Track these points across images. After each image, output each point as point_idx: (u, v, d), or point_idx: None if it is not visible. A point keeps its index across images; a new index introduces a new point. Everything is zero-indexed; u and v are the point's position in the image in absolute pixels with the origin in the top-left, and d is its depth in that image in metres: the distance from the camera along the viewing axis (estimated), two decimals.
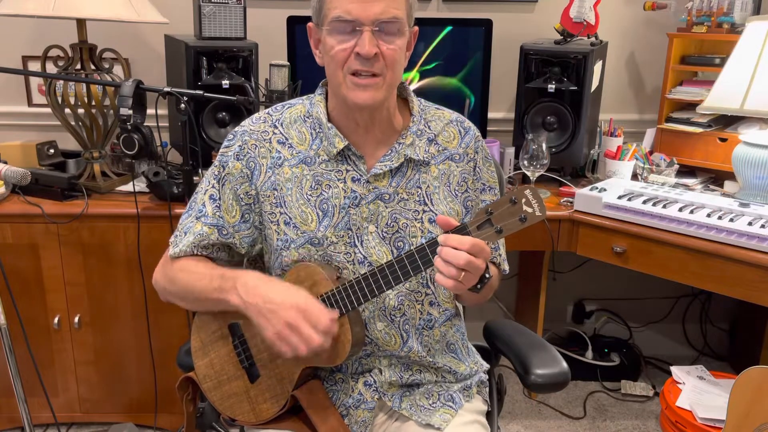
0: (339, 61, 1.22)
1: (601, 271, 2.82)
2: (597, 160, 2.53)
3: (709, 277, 2.00)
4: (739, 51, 2.22)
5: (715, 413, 2.06)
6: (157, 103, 2.10)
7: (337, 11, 1.20)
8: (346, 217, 1.30)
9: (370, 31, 1.19)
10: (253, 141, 1.33)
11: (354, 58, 1.21)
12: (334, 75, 1.25)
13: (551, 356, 1.41)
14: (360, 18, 1.19)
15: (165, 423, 2.36)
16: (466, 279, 1.14)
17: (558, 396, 2.69)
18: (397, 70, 1.26)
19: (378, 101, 1.25)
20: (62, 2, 2.04)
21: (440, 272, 1.13)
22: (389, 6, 1.20)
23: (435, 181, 1.34)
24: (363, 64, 1.21)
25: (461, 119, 1.41)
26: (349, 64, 1.22)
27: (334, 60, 1.23)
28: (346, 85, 1.24)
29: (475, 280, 1.17)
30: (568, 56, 2.39)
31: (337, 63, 1.23)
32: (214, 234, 1.33)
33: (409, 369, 1.37)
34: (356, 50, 1.20)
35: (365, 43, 1.19)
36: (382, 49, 1.21)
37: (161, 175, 2.13)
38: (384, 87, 1.25)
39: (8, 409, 2.30)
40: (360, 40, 1.20)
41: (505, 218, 1.12)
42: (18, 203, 2.16)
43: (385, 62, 1.22)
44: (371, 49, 1.19)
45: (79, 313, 2.23)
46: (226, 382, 1.37)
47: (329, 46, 1.23)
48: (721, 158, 2.37)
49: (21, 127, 2.63)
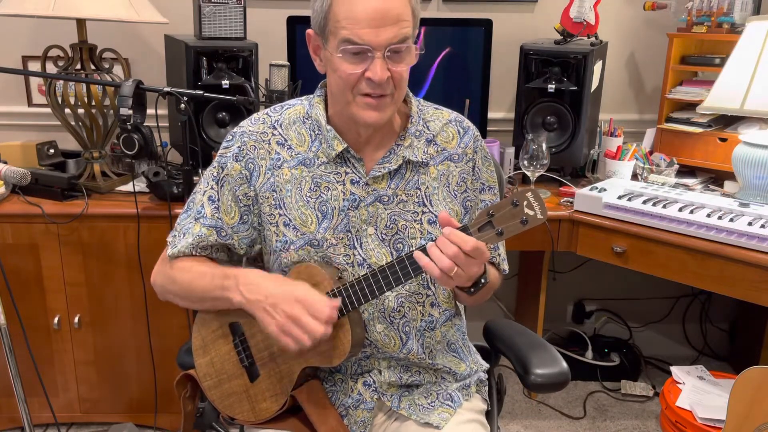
0: (349, 84, 1.22)
1: (601, 271, 2.82)
2: (597, 160, 2.53)
3: (709, 277, 2.00)
4: (739, 51, 2.22)
5: (715, 413, 2.06)
6: (157, 103, 2.10)
7: (346, 33, 1.17)
8: (346, 219, 1.30)
9: (382, 57, 1.18)
10: (252, 142, 1.33)
11: (365, 82, 1.20)
12: (341, 94, 1.24)
13: (551, 356, 1.41)
14: (371, 44, 1.17)
15: (165, 423, 2.36)
16: (458, 276, 1.13)
17: (558, 396, 2.69)
18: (404, 85, 1.26)
19: (386, 119, 1.26)
20: (62, 2, 2.04)
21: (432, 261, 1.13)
22: (400, 28, 1.18)
23: (434, 182, 1.34)
24: (374, 87, 1.20)
25: (460, 119, 1.41)
26: (358, 87, 1.21)
27: (343, 81, 1.22)
28: (357, 105, 1.23)
29: (468, 282, 1.18)
30: (568, 56, 2.39)
31: (347, 85, 1.22)
32: (212, 235, 1.33)
33: (408, 370, 1.37)
34: (367, 75, 1.19)
35: (377, 69, 1.18)
36: (392, 71, 1.20)
37: (161, 175, 2.13)
38: (392, 105, 1.25)
39: (8, 409, 2.30)
40: (372, 66, 1.18)
41: (506, 220, 1.12)
42: (18, 203, 2.16)
43: (394, 83, 1.22)
44: (383, 74, 1.18)
45: (79, 313, 2.23)
46: (226, 381, 1.37)
47: (337, 66, 1.21)
48: (721, 158, 2.36)
49: (21, 127, 2.63)
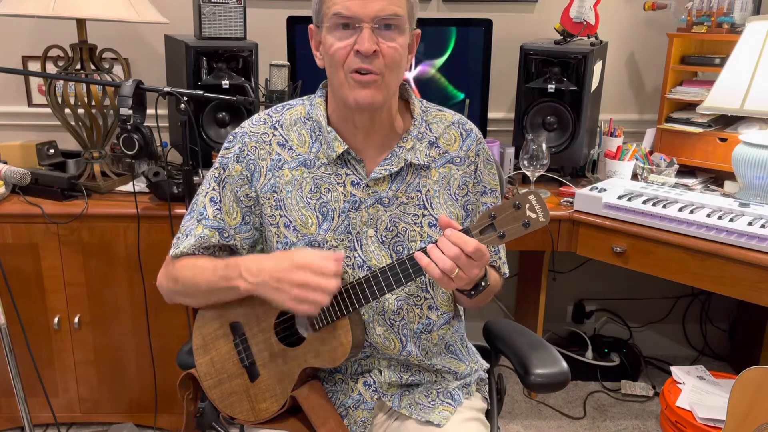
0: (339, 60, 1.21)
1: (601, 271, 2.82)
2: (597, 160, 2.53)
3: (709, 277, 2.00)
4: (739, 51, 2.22)
5: (715, 413, 2.06)
6: (157, 103, 2.10)
7: (336, 7, 1.19)
8: (346, 220, 1.30)
9: (370, 29, 1.18)
10: (253, 143, 1.33)
11: (353, 56, 1.20)
12: (334, 75, 1.24)
13: (551, 356, 1.41)
14: (359, 15, 1.18)
15: (165, 423, 2.36)
16: (459, 278, 1.13)
17: (558, 396, 2.69)
18: (397, 70, 1.24)
19: (378, 102, 1.24)
20: (62, 2, 2.04)
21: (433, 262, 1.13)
22: (390, 3, 1.19)
23: (435, 185, 1.34)
24: (362, 61, 1.20)
25: (463, 121, 1.40)
26: (349, 63, 1.21)
27: (333, 59, 1.22)
28: (348, 84, 1.22)
29: (468, 285, 1.17)
30: (568, 56, 2.39)
31: (337, 62, 1.22)
32: (215, 236, 1.33)
33: (409, 369, 1.37)
34: (355, 47, 1.19)
35: (364, 39, 1.18)
36: (382, 48, 1.20)
37: (161, 175, 2.13)
38: (383, 87, 1.23)
39: (8, 409, 2.30)
40: (359, 38, 1.19)
41: (508, 223, 1.12)
42: (18, 203, 2.16)
43: (384, 61, 1.21)
44: (370, 46, 1.18)
45: (79, 313, 2.23)
46: (226, 381, 1.37)
47: (329, 44, 1.22)
48: (721, 158, 2.37)
49: (21, 127, 2.63)
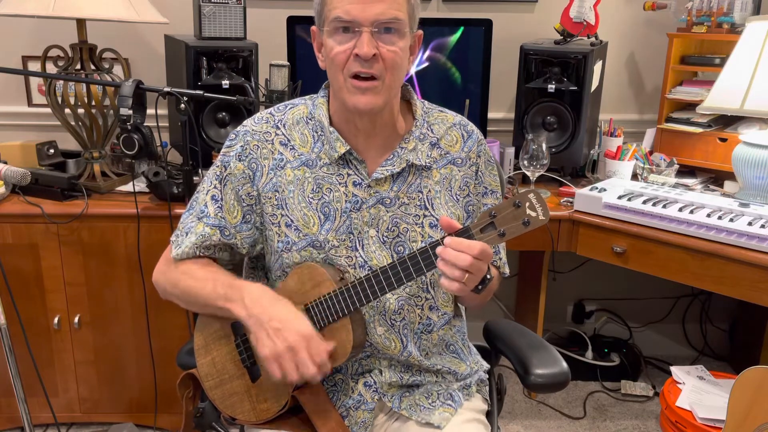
0: (339, 64, 1.22)
1: (601, 271, 2.82)
2: (597, 160, 2.54)
3: (709, 277, 2.00)
4: (739, 51, 2.22)
5: (715, 413, 2.06)
6: (157, 103, 2.10)
7: (336, 11, 1.19)
8: (348, 221, 1.30)
9: (369, 32, 1.19)
10: (255, 142, 1.33)
11: (353, 60, 1.20)
12: (335, 78, 1.25)
13: (551, 356, 1.41)
14: (358, 19, 1.18)
15: (165, 423, 2.36)
16: (470, 281, 1.14)
17: (558, 396, 2.69)
18: (397, 73, 1.24)
19: (377, 107, 1.24)
20: (62, 2, 2.04)
21: (445, 275, 1.13)
22: (390, 7, 1.19)
23: (436, 186, 1.34)
24: (362, 65, 1.20)
25: (464, 122, 1.41)
26: (348, 67, 1.21)
27: (334, 62, 1.22)
28: (347, 89, 1.23)
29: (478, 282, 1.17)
30: (568, 56, 2.39)
31: (338, 65, 1.22)
32: (216, 235, 1.33)
33: (409, 370, 1.37)
34: (355, 51, 1.20)
35: (363, 44, 1.18)
36: (382, 51, 1.20)
37: (161, 175, 2.13)
38: (383, 91, 1.23)
39: (8, 409, 2.30)
40: (359, 42, 1.19)
41: (508, 222, 1.12)
42: (18, 203, 2.16)
43: (384, 64, 1.21)
44: (369, 50, 1.18)
45: (79, 313, 2.23)
46: (227, 381, 1.37)
47: (329, 47, 1.22)
48: (721, 158, 2.37)
49: (21, 127, 2.63)
